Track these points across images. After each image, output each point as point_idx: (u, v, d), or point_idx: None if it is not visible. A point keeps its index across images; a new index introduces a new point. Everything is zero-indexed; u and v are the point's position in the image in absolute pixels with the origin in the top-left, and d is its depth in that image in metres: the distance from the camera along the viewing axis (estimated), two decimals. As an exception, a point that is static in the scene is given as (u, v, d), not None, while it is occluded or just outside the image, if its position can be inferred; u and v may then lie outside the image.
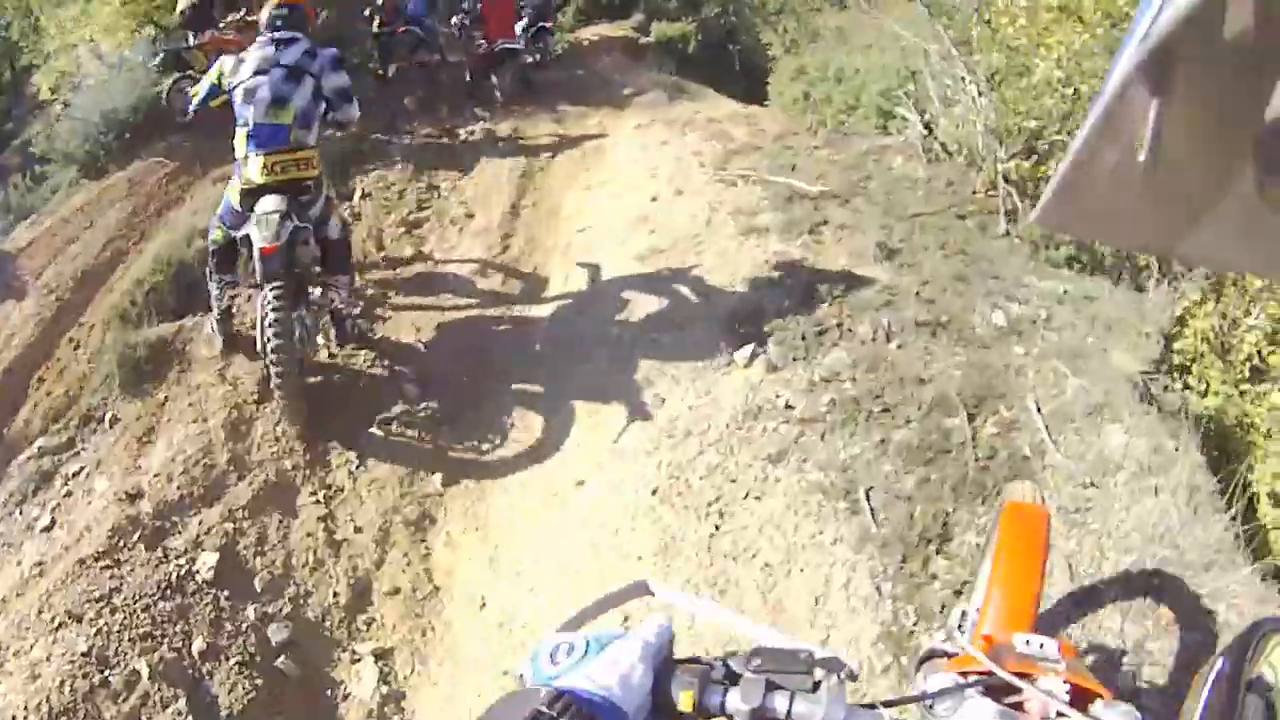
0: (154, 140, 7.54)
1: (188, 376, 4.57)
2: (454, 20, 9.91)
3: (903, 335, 3.88)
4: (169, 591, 3.42)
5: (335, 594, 3.55)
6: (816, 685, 0.82)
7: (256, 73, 4.18)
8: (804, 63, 8.21)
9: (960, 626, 1.61)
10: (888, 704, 0.83)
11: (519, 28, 10.21)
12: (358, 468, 3.99)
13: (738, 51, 11.38)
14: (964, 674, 0.98)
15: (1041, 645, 1.09)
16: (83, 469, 4.32)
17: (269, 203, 4.03)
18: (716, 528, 3.22)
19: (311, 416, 4.26)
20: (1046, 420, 3.28)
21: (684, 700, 0.82)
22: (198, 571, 3.51)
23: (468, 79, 9.78)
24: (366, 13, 10.03)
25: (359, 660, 3.38)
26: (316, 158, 4.27)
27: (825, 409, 3.49)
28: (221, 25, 8.53)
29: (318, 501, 3.82)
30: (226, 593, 3.46)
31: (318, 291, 4.55)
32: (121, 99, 7.79)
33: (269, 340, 3.93)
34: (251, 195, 4.11)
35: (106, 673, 3.11)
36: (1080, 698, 0.86)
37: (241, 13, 8.82)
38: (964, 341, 3.79)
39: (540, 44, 10.34)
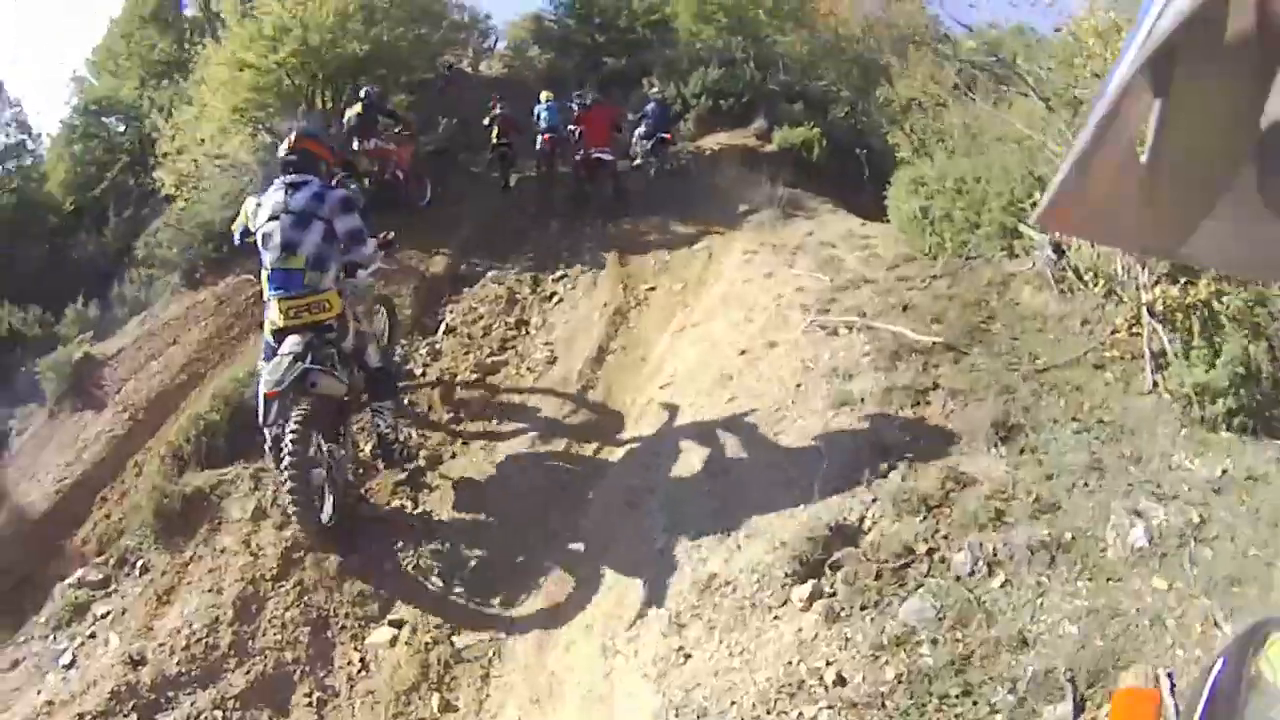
0: (250, 254, 7.91)
1: (216, 537, 4.68)
2: (570, 128, 10.35)
3: (1010, 566, 3.24)
4: (147, 771, 3.44)
5: (304, 821, 3.41)
6: None
7: (270, 218, 4.40)
8: (922, 172, 7.79)
9: None
10: None
11: (637, 134, 10.64)
12: (359, 672, 3.87)
13: (865, 156, 11.11)
14: None
15: None
16: (109, 613, 4.49)
17: (288, 344, 4.26)
18: None
19: (340, 552, 4.50)
20: (1182, 700, 2.43)
21: None
22: (177, 758, 3.51)
23: (574, 187, 10.40)
24: (486, 122, 10.75)
25: None
26: (335, 298, 4.42)
27: (887, 688, 2.87)
28: (384, 135, 9.57)
29: (310, 704, 3.71)
30: (199, 789, 3.43)
31: (367, 415, 4.92)
32: (217, 211, 8.33)
33: (283, 471, 4.16)
34: (280, 334, 4.35)
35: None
36: None
37: (399, 126, 9.78)
38: (1089, 571, 3.16)
39: (659, 154, 10.62)
